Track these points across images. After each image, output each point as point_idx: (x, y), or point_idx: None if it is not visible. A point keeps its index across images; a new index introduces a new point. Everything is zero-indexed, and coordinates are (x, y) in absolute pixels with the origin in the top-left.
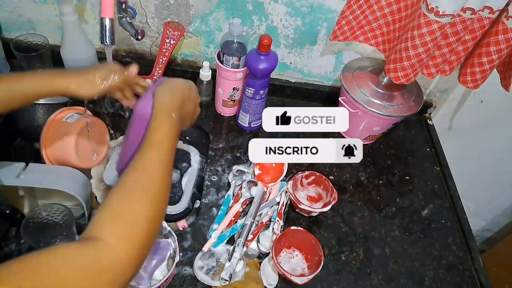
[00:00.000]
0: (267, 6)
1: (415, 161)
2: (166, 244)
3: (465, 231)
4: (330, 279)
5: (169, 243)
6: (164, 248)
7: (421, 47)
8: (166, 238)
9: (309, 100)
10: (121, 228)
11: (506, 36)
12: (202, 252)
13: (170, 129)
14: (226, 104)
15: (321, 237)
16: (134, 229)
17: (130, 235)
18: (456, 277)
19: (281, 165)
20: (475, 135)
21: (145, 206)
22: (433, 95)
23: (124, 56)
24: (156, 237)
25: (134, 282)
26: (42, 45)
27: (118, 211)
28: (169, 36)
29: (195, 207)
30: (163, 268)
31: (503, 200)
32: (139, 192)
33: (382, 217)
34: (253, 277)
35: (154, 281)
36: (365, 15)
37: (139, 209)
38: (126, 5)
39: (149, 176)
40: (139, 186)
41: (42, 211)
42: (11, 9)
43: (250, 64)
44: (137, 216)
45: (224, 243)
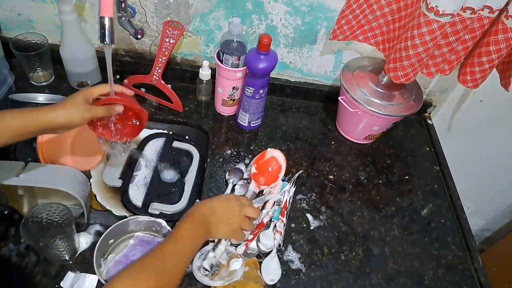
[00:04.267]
0: (266, 5)
1: (414, 160)
2: None
3: (464, 230)
4: (329, 279)
5: None
6: None
7: (420, 46)
8: (165, 237)
9: (308, 99)
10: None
11: (506, 35)
12: (200, 252)
13: (191, 230)
14: (225, 103)
15: (320, 237)
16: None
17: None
18: (456, 277)
19: (278, 170)
20: (474, 135)
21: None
22: (432, 94)
23: (123, 55)
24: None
25: None
26: (42, 44)
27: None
28: (168, 35)
29: None
30: None
31: (502, 200)
32: (147, 274)
33: (382, 217)
34: (252, 277)
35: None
36: (365, 14)
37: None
38: (125, 4)
39: (162, 263)
40: (152, 268)
41: (41, 211)
42: (10, 8)
43: (249, 63)
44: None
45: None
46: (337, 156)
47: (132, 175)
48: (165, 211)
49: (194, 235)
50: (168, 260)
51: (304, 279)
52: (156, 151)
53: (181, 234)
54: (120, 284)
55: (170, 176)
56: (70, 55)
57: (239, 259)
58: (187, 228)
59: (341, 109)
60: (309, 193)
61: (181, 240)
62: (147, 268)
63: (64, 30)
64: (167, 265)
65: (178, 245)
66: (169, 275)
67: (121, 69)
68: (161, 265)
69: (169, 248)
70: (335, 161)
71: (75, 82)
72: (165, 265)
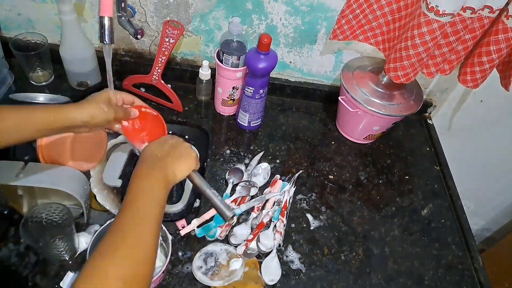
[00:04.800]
0: (266, 5)
1: (414, 160)
2: None
3: (464, 230)
4: (329, 279)
5: None
6: None
7: (421, 46)
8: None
9: (308, 99)
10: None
11: (506, 35)
12: (200, 252)
13: (148, 187)
14: (225, 103)
15: (320, 237)
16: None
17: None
18: (456, 277)
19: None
20: (474, 135)
21: (119, 267)
22: (433, 94)
23: (123, 55)
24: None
25: None
26: (41, 44)
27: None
28: (168, 35)
29: (195, 206)
30: (159, 255)
31: (502, 200)
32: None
33: (382, 217)
34: (252, 277)
35: (157, 269)
36: (365, 14)
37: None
38: (125, 4)
39: (122, 234)
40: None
41: (41, 211)
42: (10, 8)
43: (249, 63)
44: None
45: (223, 243)
46: (337, 156)
47: None
48: (165, 211)
49: (150, 192)
50: (133, 229)
51: (304, 279)
52: None
53: (135, 198)
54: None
55: None
56: (69, 55)
57: (239, 259)
58: (140, 186)
59: (341, 109)
60: (309, 193)
61: (137, 203)
62: (115, 246)
63: (63, 30)
64: (135, 235)
65: (137, 211)
66: (140, 241)
67: (121, 69)
68: (126, 237)
69: (128, 216)
70: (335, 161)
71: (75, 82)
72: (132, 233)
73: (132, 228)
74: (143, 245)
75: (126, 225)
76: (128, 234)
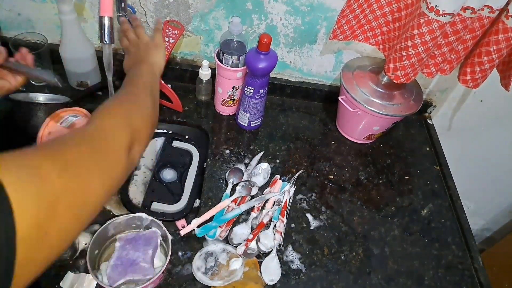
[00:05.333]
0: (266, 5)
1: (414, 160)
2: (152, 233)
3: (464, 230)
4: (329, 279)
5: (155, 232)
6: (152, 237)
7: (421, 46)
8: (148, 228)
9: (308, 99)
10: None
11: (506, 35)
12: (200, 252)
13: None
14: (225, 103)
15: (320, 237)
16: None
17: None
18: (456, 277)
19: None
20: (474, 135)
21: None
22: (433, 94)
23: (123, 55)
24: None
25: (141, 275)
26: (41, 44)
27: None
28: (168, 35)
29: (195, 206)
30: (159, 255)
31: (502, 200)
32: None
33: (382, 217)
34: (251, 277)
35: (158, 268)
36: (365, 14)
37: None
38: (125, 4)
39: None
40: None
41: None
42: (10, 8)
43: (249, 63)
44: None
45: (223, 243)
46: (337, 156)
47: (132, 175)
48: (165, 211)
49: (143, 78)
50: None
51: (304, 279)
52: (156, 151)
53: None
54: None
55: (170, 176)
56: (69, 54)
57: (239, 259)
58: (135, 74)
59: (341, 109)
60: (309, 193)
61: (136, 82)
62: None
63: (63, 29)
64: (139, 95)
65: (135, 84)
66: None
67: (121, 69)
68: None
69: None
70: (335, 161)
71: (75, 82)
72: (138, 93)
73: (135, 93)
74: (143, 105)
75: (128, 94)
76: (132, 96)
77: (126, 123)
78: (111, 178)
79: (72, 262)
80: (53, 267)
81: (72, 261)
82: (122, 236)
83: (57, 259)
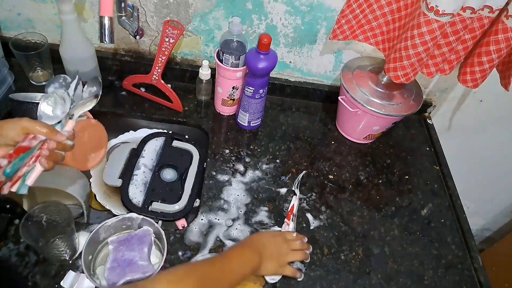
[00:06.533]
0: (266, 5)
1: (414, 160)
2: (145, 231)
3: (464, 230)
4: (329, 278)
5: (147, 230)
6: (145, 235)
7: (420, 46)
8: (140, 227)
9: (308, 99)
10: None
11: (506, 35)
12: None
13: (242, 253)
14: (225, 103)
15: (320, 236)
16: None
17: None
18: (455, 276)
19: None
20: (474, 134)
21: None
22: (432, 94)
23: (123, 55)
24: None
25: (140, 273)
26: (41, 43)
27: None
28: (168, 35)
29: (195, 206)
30: (155, 252)
31: (502, 199)
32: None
33: (382, 216)
34: (252, 277)
35: (156, 265)
36: (365, 14)
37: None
38: (125, 4)
39: (209, 268)
40: (197, 272)
41: (41, 211)
42: (10, 8)
43: (249, 63)
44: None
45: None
46: (337, 156)
47: (132, 175)
48: (165, 211)
49: (244, 259)
50: (216, 268)
51: (304, 279)
52: (156, 151)
53: (232, 254)
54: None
55: (170, 176)
56: (69, 54)
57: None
58: (240, 252)
59: (341, 109)
60: (309, 193)
61: (231, 258)
62: (192, 272)
63: (63, 29)
64: (214, 273)
65: (227, 261)
66: (215, 282)
67: (121, 68)
68: (208, 270)
69: (218, 259)
70: (335, 161)
71: None
72: (213, 271)
73: (220, 269)
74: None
75: (216, 264)
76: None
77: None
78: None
79: (72, 262)
80: (53, 267)
81: (72, 261)
82: (113, 238)
83: (57, 259)
